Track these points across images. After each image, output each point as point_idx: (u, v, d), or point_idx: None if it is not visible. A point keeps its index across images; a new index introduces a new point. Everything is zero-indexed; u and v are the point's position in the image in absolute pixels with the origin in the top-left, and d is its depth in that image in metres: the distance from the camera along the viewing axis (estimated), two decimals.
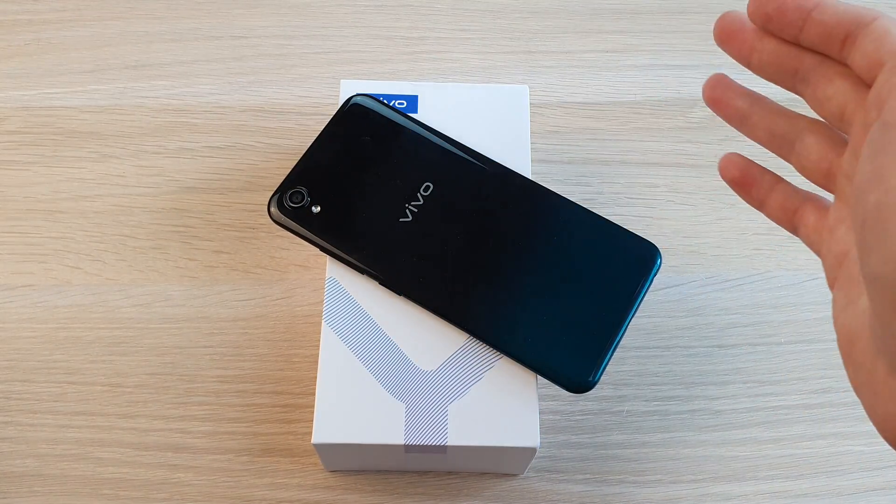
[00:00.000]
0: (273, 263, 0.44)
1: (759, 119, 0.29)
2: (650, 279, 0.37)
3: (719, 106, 0.30)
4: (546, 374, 0.35)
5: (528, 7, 0.53)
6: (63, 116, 0.48)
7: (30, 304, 0.42)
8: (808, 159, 0.28)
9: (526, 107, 0.42)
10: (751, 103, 0.29)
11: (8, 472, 0.39)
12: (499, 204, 0.38)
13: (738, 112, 0.29)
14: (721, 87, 0.30)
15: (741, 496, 0.40)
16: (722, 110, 0.30)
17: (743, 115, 0.29)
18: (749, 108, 0.29)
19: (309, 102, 0.49)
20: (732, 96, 0.29)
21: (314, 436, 0.34)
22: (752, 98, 0.29)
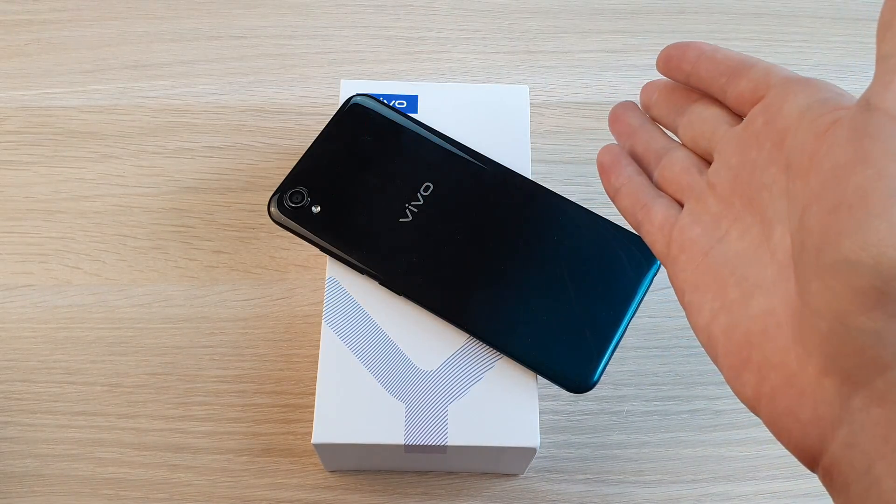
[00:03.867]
0: (273, 263, 0.44)
1: (643, 135, 0.32)
2: (650, 279, 0.37)
3: (616, 122, 0.33)
4: (546, 374, 0.35)
5: (528, 7, 0.53)
6: (63, 116, 0.48)
7: (30, 304, 0.42)
8: (671, 170, 0.30)
9: (526, 107, 0.42)
10: (642, 122, 0.33)
11: (8, 472, 0.39)
12: (499, 204, 0.38)
13: (628, 128, 0.33)
14: (624, 108, 0.34)
15: (741, 496, 0.40)
16: (616, 126, 0.33)
17: (631, 131, 0.33)
18: (639, 126, 0.33)
19: (309, 102, 0.49)
20: (630, 115, 0.33)
21: (314, 436, 0.34)
22: (644, 119, 0.33)
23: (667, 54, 0.30)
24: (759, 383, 0.24)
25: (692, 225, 0.28)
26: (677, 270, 0.28)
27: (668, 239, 0.29)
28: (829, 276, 0.21)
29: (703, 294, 0.26)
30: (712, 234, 0.27)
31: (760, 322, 0.24)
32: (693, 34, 0.53)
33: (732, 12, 0.54)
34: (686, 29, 0.53)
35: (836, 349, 0.22)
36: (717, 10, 0.54)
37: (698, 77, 0.29)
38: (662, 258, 0.29)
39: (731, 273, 0.26)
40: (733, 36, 0.53)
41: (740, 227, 0.26)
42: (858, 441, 0.21)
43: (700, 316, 0.26)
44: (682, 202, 0.29)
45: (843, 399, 0.22)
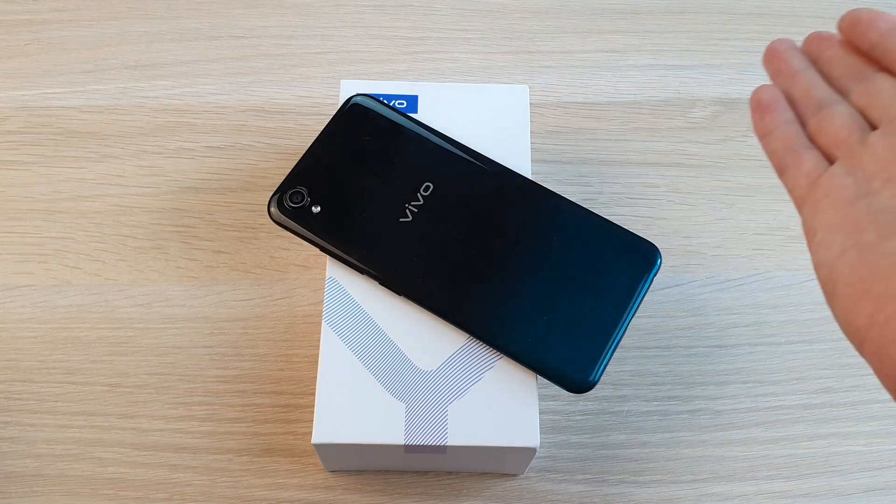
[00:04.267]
0: (273, 263, 0.44)
1: (804, 80, 0.31)
2: (650, 279, 0.37)
3: (775, 58, 0.32)
4: (546, 374, 0.35)
5: (528, 7, 0.53)
6: (63, 116, 0.48)
7: (30, 304, 0.42)
8: (830, 122, 0.30)
9: (526, 107, 0.42)
10: (805, 66, 0.31)
11: (8, 472, 0.39)
12: (499, 204, 0.38)
13: (789, 68, 0.31)
14: (786, 45, 0.32)
15: (741, 496, 0.40)
16: (775, 63, 0.32)
17: (792, 72, 0.31)
18: (801, 70, 0.31)
19: (309, 102, 0.49)
20: (793, 55, 0.32)
21: (314, 436, 0.34)
22: (807, 64, 0.32)
23: (856, 17, 0.30)
24: (875, 312, 0.25)
25: (844, 175, 0.28)
26: (816, 211, 0.28)
27: (813, 184, 0.29)
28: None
29: (837, 233, 0.27)
30: (863, 188, 0.27)
31: (892, 258, 0.25)
32: (693, 34, 0.53)
33: (732, 12, 0.54)
34: (686, 29, 0.53)
35: None
36: (717, 10, 0.54)
37: (885, 49, 0.29)
38: (800, 202, 0.29)
39: (872, 221, 0.26)
40: (733, 36, 0.53)
41: (893, 188, 0.27)
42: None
43: (828, 251, 0.27)
44: (832, 157, 0.29)
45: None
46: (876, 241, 0.26)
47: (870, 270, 0.25)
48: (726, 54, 0.52)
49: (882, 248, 0.25)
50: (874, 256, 0.25)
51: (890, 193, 0.27)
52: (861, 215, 0.27)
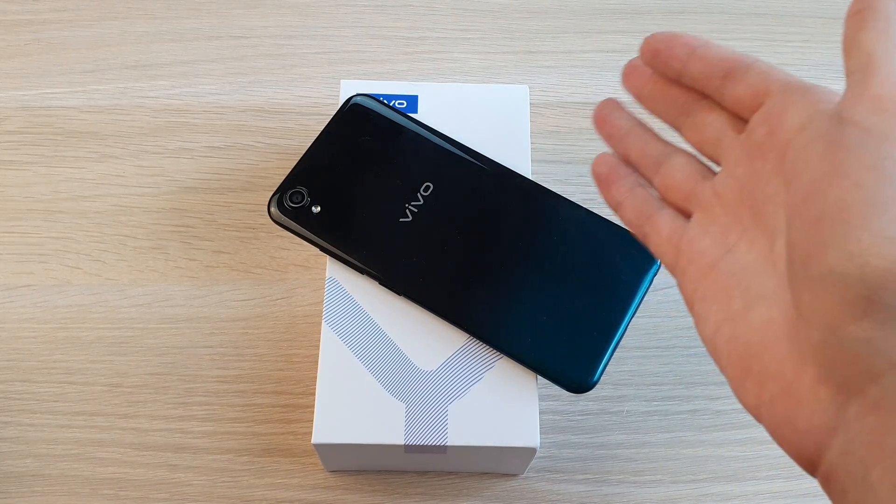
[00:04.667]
0: (273, 263, 0.44)
1: (636, 139, 0.31)
2: (650, 279, 0.37)
3: (604, 123, 0.32)
4: (546, 374, 0.35)
5: (528, 7, 0.53)
6: (63, 116, 0.48)
7: (30, 304, 0.42)
8: (672, 178, 0.29)
9: (526, 107, 0.42)
10: (632, 125, 0.31)
11: (8, 472, 0.39)
12: (499, 204, 0.38)
13: (618, 130, 0.31)
14: (609, 107, 0.32)
15: (741, 496, 0.40)
16: (604, 128, 0.32)
17: (623, 134, 0.31)
18: (629, 129, 0.31)
19: (309, 102, 0.49)
20: (618, 116, 0.32)
21: (314, 436, 0.34)
22: (634, 121, 0.31)
23: (653, 49, 0.29)
24: (760, 392, 0.24)
25: (701, 236, 0.28)
26: (686, 281, 0.28)
27: (676, 250, 0.28)
28: (818, 288, 0.21)
29: (710, 305, 0.26)
30: (721, 245, 0.27)
31: (760, 332, 0.24)
32: (693, 34, 0.52)
33: (732, 12, 0.54)
34: (686, 29, 0.53)
35: (829, 359, 0.22)
36: (717, 10, 0.54)
37: (690, 76, 0.28)
38: (671, 269, 0.29)
39: (736, 284, 0.26)
40: (733, 36, 0.53)
41: (748, 239, 0.26)
42: (854, 449, 0.21)
43: (706, 326, 0.26)
44: (686, 210, 0.29)
45: (838, 408, 0.22)
46: (743, 310, 0.25)
47: (745, 348, 0.25)
48: None
49: (750, 320, 0.25)
50: (745, 330, 0.25)
51: (746, 247, 0.26)
52: (726, 280, 0.26)
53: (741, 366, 0.25)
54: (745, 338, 0.25)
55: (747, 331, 0.25)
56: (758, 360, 0.24)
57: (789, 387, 0.23)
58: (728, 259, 0.26)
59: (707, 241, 0.27)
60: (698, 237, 0.28)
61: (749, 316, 0.25)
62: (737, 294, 0.26)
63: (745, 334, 0.25)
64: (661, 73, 0.30)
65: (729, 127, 0.28)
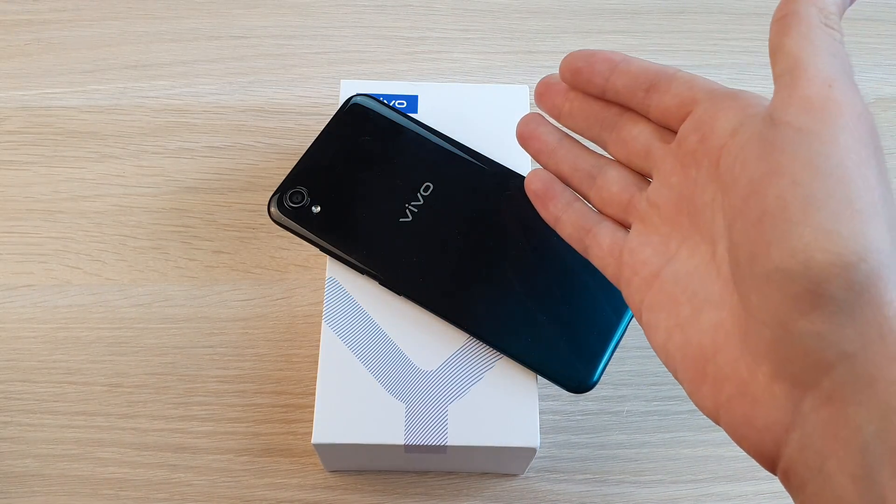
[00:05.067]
0: (273, 263, 0.44)
1: (566, 154, 0.31)
2: None
3: (530, 140, 0.32)
4: (546, 374, 0.35)
5: (528, 7, 0.53)
6: (63, 116, 0.48)
7: (30, 304, 0.42)
8: (608, 191, 0.30)
9: (526, 107, 0.42)
10: (559, 139, 0.31)
11: (8, 472, 0.39)
12: (499, 204, 0.38)
13: (546, 146, 0.31)
14: (534, 123, 0.32)
15: (741, 496, 0.40)
16: (532, 144, 0.32)
17: (551, 150, 0.31)
18: (557, 144, 0.31)
19: (309, 102, 0.49)
20: (544, 131, 0.31)
21: (314, 436, 0.34)
22: (560, 134, 0.31)
23: (573, 68, 0.29)
24: (716, 395, 0.24)
25: (642, 247, 0.28)
26: (632, 292, 0.28)
27: (618, 262, 0.29)
28: (765, 286, 0.22)
29: (658, 313, 0.27)
30: (662, 254, 0.27)
31: (711, 335, 0.25)
32: (693, 34, 0.53)
33: (732, 12, 0.54)
34: (686, 29, 0.53)
35: (782, 355, 0.22)
36: (716, 10, 0.54)
37: (615, 91, 0.29)
38: (615, 280, 0.29)
39: (682, 291, 0.26)
40: (733, 36, 0.53)
41: (689, 245, 0.27)
42: (811, 442, 0.22)
43: (657, 335, 0.27)
44: (625, 222, 0.29)
45: (793, 403, 0.22)
46: (692, 316, 0.25)
47: (698, 352, 0.25)
48: (726, 54, 0.52)
49: (699, 325, 0.25)
50: (696, 334, 0.25)
51: (687, 254, 0.26)
52: (671, 287, 0.26)
53: (695, 370, 0.25)
54: (697, 342, 0.25)
55: (698, 335, 0.25)
56: (712, 363, 0.24)
57: (745, 387, 0.23)
58: (671, 267, 0.27)
59: (648, 250, 0.28)
60: (639, 248, 0.28)
61: (698, 320, 0.25)
62: (684, 300, 0.26)
63: (697, 338, 0.25)
64: (583, 90, 0.30)
65: (656, 138, 0.28)
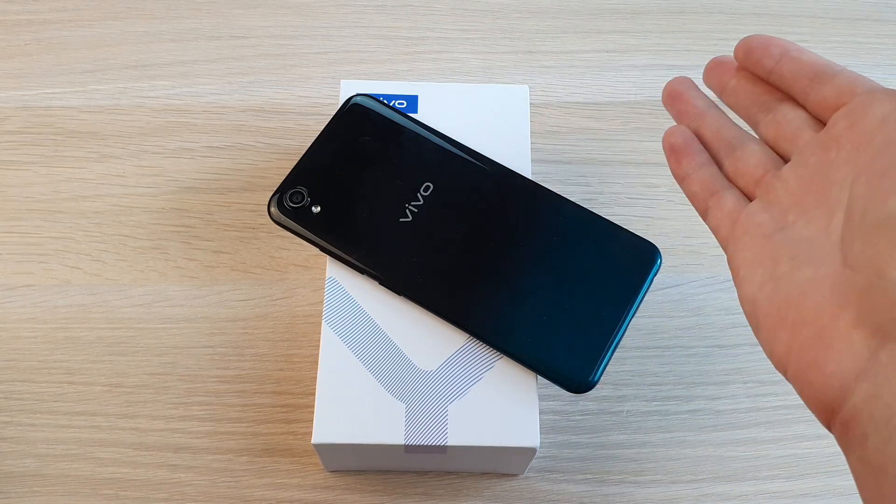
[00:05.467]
0: (273, 263, 0.44)
1: (712, 120, 0.32)
2: (650, 279, 0.37)
3: (678, 100, 0.33)
4: (546, 374, 0.35)
5: (528, 7, 0.53)
6: (63, 116, 0.48)
7: (30, 304, 0.42)
8: (745, 163, 0.30)
9: (526, 107, 0.42)
10: (708, 105, 0.32)
11: (8, 472, 0.39)
12: (499, 204, 0.38)
13: (694, 109, 0.32)
14: (685, 84, 0.33)
15: (741, 496, 0.40)
16: (678, 105, 0.33)
17: (698, 113, 0.32)
18: (706, 109, 0.32)
19: (309, 102, 0.49)
20: (694, 95, 0.32)
21: (314, 436, 0.34)
22: (709, 101, 0.32)
23: (748, 45, 0.30)
24: (791, 339, 0.25)
25: (760, 211, 0.29)
26: (738, 249, 0.29)
27: (733, 223, 0.29)
28: (872, 233, 0.23)
29: (756, 268, 0.27)
30: (778, 221, 0.28)
31: (802, 286, 0.26)
32: (693, 34, 0.53)
33: (732, 12, 0.54)
34: (686, 29, 0.53)
35: (870, 302, 0.23)
36: (716, 10, 0.54)
37: (780, 75, 0.30)
38: (724, 242, 0.30)
39: (786, 252, 0.27)
40: (733, 36, 0.53)
41: (806, 218, 0.27)
42: (882, 392, 0.22)
43: (750, 286, 0.27)
44: (752, 195, 0.30)
45: (871, 351, 0.23)
46: (789, 271, 0.26)
47: (784, 300, 0.26)
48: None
49: (795, 278, 0.26)
50: (788, 286, 0.26)
51: (803, 224, 0.27)
52: (778, 248, 0.27)
53: (777, 316, 0.26)
54: (787, 291, 0.26)
55: (789, 286, 0.26)
56: (795, 309, 0.25)
57: (823, 331, 0.24)
58: (784, 233, 0.28)
59: (766, 215, 0.28)
60: (758, 212, 0.29)
61: (795, 275, 0.26)
62: (785, 259, 0.27)
63: (787, 289, 0.26)
64: (751, 70, 0.31)
65: (808, 126, 0.29)
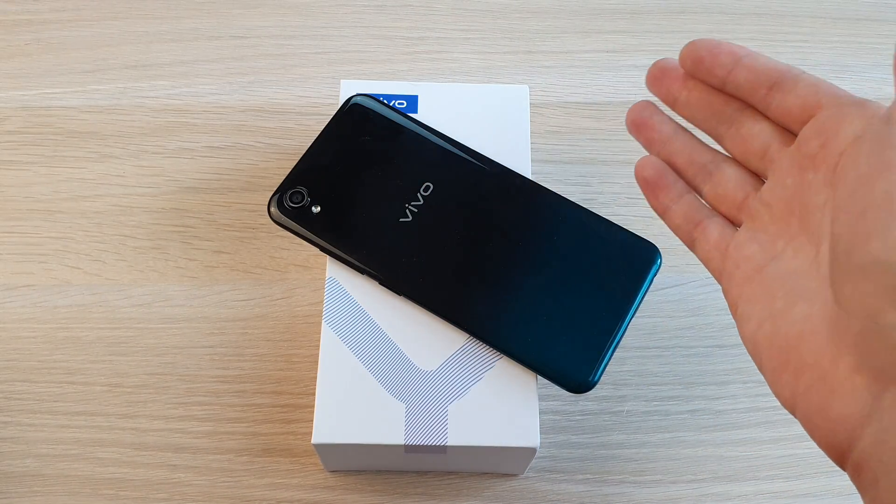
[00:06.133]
0: (273, 263, 0.44)
1: (682, 146, 0.30)
2: (650, 279, 0.37)
3: (644, 128, 0.31)
4: (546, 374, 0.35)
5: (528, 7, 0.53)
6: (63, 116, 0.48)
7: (30, 304, 0.42)
8: (724, 188, 0.29)
9: (526, 107, 0.42)
10: (674, 129, 0.31)
11: (8, 472, 0.39)
12: (499, 204, 0.38)
13: (661, 136, 0.31)
14: (648, 111, 0.31)
15: (741, 496, 0.40)
16: (646, 133, 0.31)
17: (665, 139, 0.31)
18: (673, 134, 0.31)
19: (309, 102, 0.49)
20: (658, 120, 0.31)
21: (314, 436, 0.34)
22: (675, 125, 0.31)
23: (696, 56, 0.29)
24: (795, 383, 0.25)
25: (749, 242, 0.28)
26: (732, 285, 0.28)
27: (723, 255, 0.29)
28: (860, 277, 0.22)
29: (754, 305, 0.27)
30: (768, 252, 0.27)
31: (799, 326, 0.25)
32: (693, 34, 0.53)
33: (732, 12, 0.54)
34: (686, 29, 0.53)
35: (868, 347, 0.22)
36: (716, 10, 0.54)
37: (736, 85, 0.28)
38: (717, 274, 0.29)
39: (780, 287, 0.26)
40: (733, 36, 0.53)
41: (794, 246, 0.27)
42: (888, 438, 0.22)
43: (749, 325, 0.27)
44: (735, 220, 0.29)
45: (873, 396, 0.23)
46: (785, 308, 0.26)
47: (784, 341, 0.25)
48: None
49: (791, 316, 0.25)
50: (786, 326, 0.25)
51: (792, 253, 0.27)
52: (771, 282, 0.27)
53: (780, 359, 0.25)
54: (785, 332, 0.25)
55: (787, 326, 0.25)
56: (795, 352, 0.25)
57: (825, 375, 0.24)
58: (774, 265, 0.27)
59: (755, 246, 0.28)
60: (746, 243, 0.28)
61: (790, 313, 0.25)
62: (780, 295, 0.26)
63: (785, 329, 0.25)
64: (702, 80, 0.29)
65: (775, 139, 0.28)
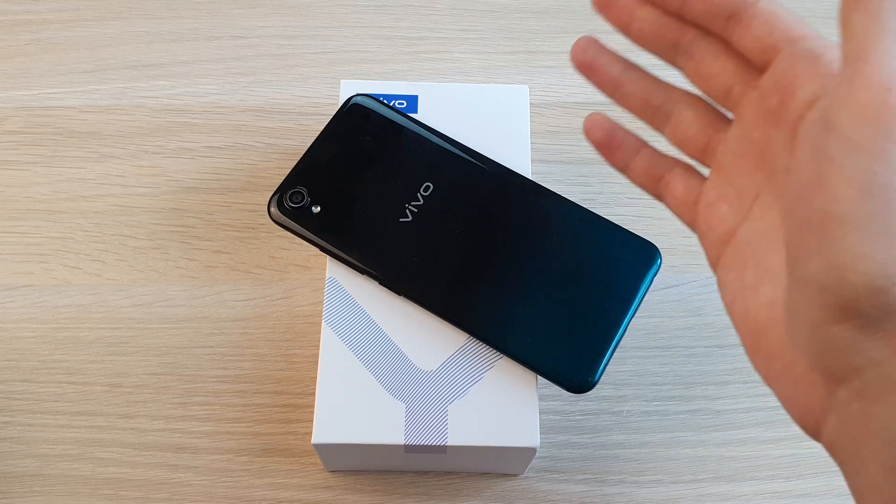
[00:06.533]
0: (273, 263, 0.44)
1: (633, 88, 0.29)
2: (650, 279, 0.37)
3: (591, 71, 0.29)
4: (546, 374, 0.35)
5: (528, 7, 0.53)
6: (63, 116, 0.48)
7: (30, 304, 0.42)
8: (684, 132, 0.28)
9: (526, 107, 0.42)
10: (623, 69, 0.29)
11: (8, 472, 0.39)
12: (499, 204, 0.38)
13: (610, 79, 0.29)
14: (592, 50, 0.29)
15: (741, 496, 0.40)
16: (594, 76, 0.29)
17: (616, 83, 0.29)
18: (621, 76, 0.29)
19: (309, 102, 0.49)
20: (605, 62, 0.29)
21: (314, 436, 0.34)
22: (624, 65, 0.29)
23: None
24: (767, 367, 0.25)
25: (719, 201, 0.27)
26: (708, 245, 0.28)
27: (693, 212, 0.28)
28: (803, 289, 0.22)
29: (729, 272, 0.27)
30: (738, 210, 0.27)
31: (765, 312, 0.25)
32: None
33: None
34: None
35: (816, 351, 0.23)
36: None
37: (693, 15, 0.26)
38: (690, 227, 0.29)
39: (751, 255, 0.26)
40: None
41: (762, 204, 0.26)
42: (847, 429, 0.23)
43: (726, 294, 0.27)
44: (701, 162, 0.28)
45: (829, 392, 0.23)
46: (754, 284, 0.25)
47: (753, 324, 0.25)
48: None
49: (758, 297, 0.25)
50: (754, 306, 0.25)
51: (759, 213, 0.26)
52: (743, 248, 0.26)
53: (751, 342, 0.26)
54: (754, 315, 0.26)
55: (755, 308, 0.26)
56: (764, 339, 0.25)
57: (789, 368, 0.24)
58: (745, 226, 0.27)
59: (724, 207, 0.27)
60: (716, 201, 0.27)
61: (757, 293, 0.26)
62: (751, 265, 0.26)
63: (754, 311, 0.26)
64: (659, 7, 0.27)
65: (738, 79, 0.27)
